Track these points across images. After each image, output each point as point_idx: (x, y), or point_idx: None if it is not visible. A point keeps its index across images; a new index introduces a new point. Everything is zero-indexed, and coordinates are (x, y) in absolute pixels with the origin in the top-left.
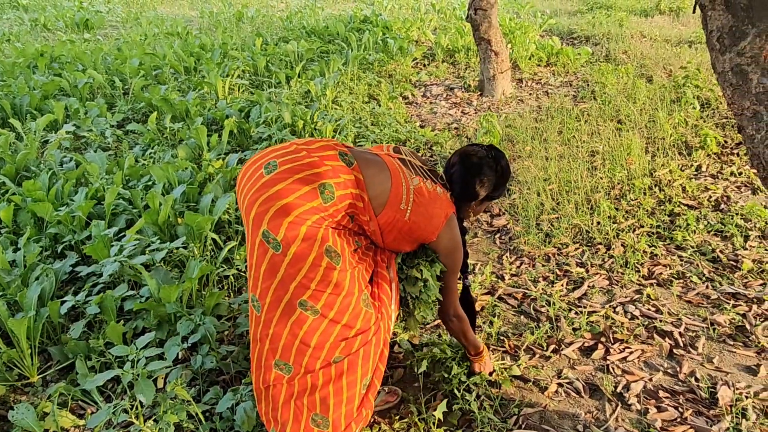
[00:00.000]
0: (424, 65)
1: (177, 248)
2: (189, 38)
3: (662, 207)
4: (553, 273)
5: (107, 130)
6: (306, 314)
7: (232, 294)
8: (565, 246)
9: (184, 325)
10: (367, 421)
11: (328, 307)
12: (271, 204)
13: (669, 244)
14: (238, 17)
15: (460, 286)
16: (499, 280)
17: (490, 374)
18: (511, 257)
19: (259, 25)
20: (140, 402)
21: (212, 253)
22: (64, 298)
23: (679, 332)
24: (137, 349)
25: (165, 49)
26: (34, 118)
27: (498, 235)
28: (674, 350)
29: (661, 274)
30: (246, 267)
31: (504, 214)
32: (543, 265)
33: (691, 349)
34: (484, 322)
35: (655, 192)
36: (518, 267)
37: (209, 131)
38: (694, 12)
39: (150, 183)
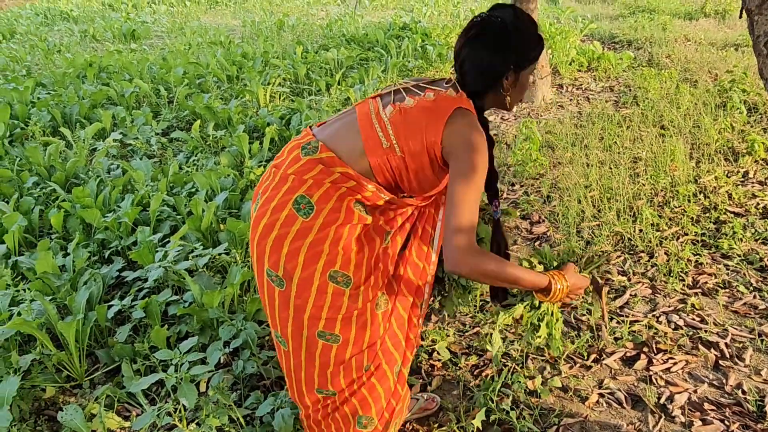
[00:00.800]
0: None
1: (219, 254)
2: (231, 47)
3: (707, 214)
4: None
5: (152, 137)
6: (329, 344)
7: None
8: (606, 254)
9: (225, 330)
10: (402, 413)
11: (346, 330)
12: (263, 243)
13: (714, 253)
14: (279, 26)
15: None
16: None
17: (589, 292)
18: None
19: (300, 34)
20: (183, 405)
21: None
22: (111, 303)
23: (725, 343)
24: (180, 353)
25: (208, 58)
26: (83, 127)
27: (538, 242)
28: (720, 361)
29: (706, 283)
30: None
31: (544, 221)
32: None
33: (738, 361)
34: (523, 331)
35: (699, 199)
36: None
37: (251, 139)
38: (740, 17)
39: (193, 190)
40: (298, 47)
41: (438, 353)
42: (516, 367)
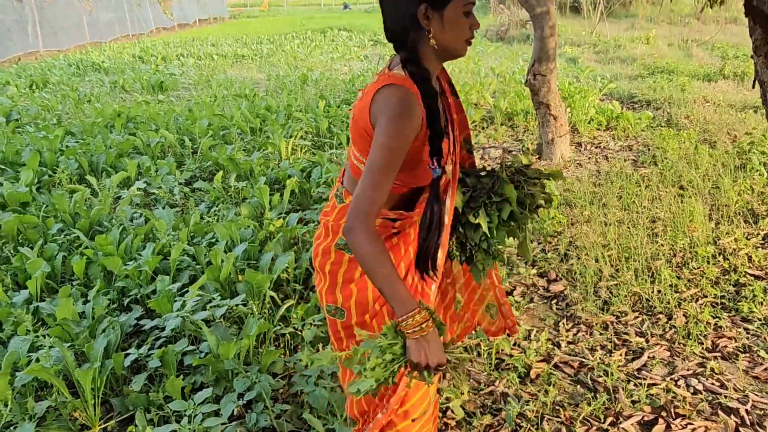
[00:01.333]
0: (483, 128)
1: (236, 305)
2: (256, 100)
3: (727, 277)
4: (611, 342)
5: (175, 187)
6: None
7: (287, 352)
8: (624, 314)
9: (240, 382)
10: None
11: None
12: (321, 284)
13: (734, 316)
14: (302, 80)
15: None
16: (555, 348)
17: (432, 372)
18: (567, 324)
19: (323, 88)
20: None
21: (270, 310)
22: (128, 351)
23: (746, 410)
24: (195, 404)
25: (233, 110)
26: (109, 175)
27: (555, 301)
28: (740, 428)
29: (725, 347)
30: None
31: (561, 279)
32: (601, 334)
33: (759, 429)
34: (539, 391)
35: (719, 261)
36: (575, 335)
37: (271, 190)
38: (753, 87)
39: (213, 240)
40: (320, 101)
41: (452, 411)
42: (531, 428)
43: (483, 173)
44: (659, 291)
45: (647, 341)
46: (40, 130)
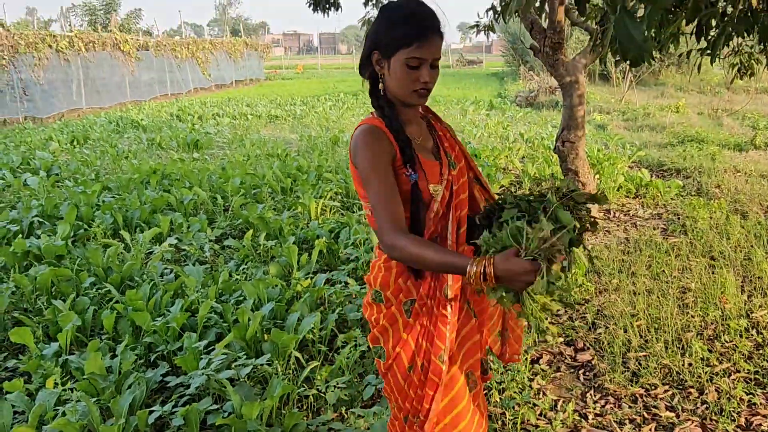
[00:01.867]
0: (510, 192)
1: (261, 365)
2: (287, 160)
3: (761, 351)
4: (640, 416)
5: (206, 244)
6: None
7: (310, 414)
8: (653, 387)
9: None
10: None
11: None
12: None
13: None
14: (333, 141)
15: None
16: (582, 420)
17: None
18: (595, 395)
19: None
20: None
21: (294, 371)
22: (153, 408)
23: None
24: None
25: (265, 170)
26: (143, 230)
27: (582, 371)
28: None
29: (760, 425)
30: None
31: (588, 349)
32: (630, 407)
33: None
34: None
35: (752, 335)
36: (603, 407)
37: (300, 250)
38: None
39: (241, 298)
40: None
41: None
42: None
43: (531, 197)
44: (690, 364)
45: (678, 416)
46: (78, 185)
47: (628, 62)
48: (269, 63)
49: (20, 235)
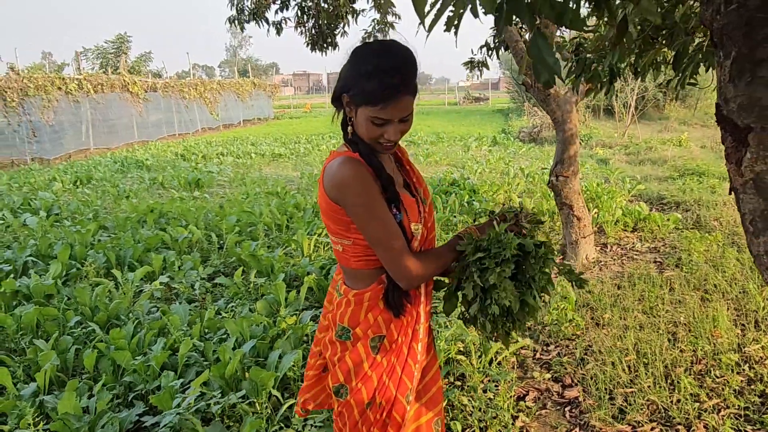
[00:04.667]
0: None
1: (234, 404)
2: (286, 197)
3: (752, 387)
4: None
5: (197, 282)
6: None
7: None
8: (639, 424)
9: None
10: None
11: None
12: None
13: (759, 429)
14: None
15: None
16: None
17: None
18: None
19: None
20: None
21: (272, 410)
22: None
23: None
24: None
25: (262, 207)
26: (135, 269)
27: (568, 407)
28: None
29: None
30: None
31: (576, 385)
32: None
33: None
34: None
35: (743, 370)
36: None
37: (290, 287)
38: (730, 194)
39: (225, 336)
40: None
41: None
42: None
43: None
44: (679, 400)
45: None
46: (75, 225)
47: (541, 83)
48: (278, 102)
49: (12, 275)
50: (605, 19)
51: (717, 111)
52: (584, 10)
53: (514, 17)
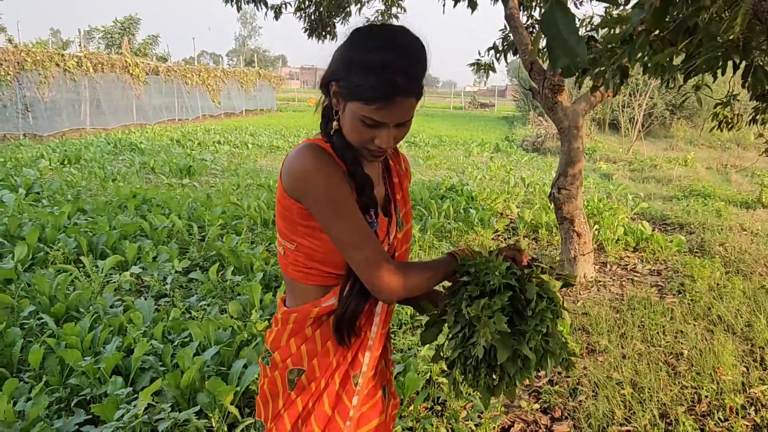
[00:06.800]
0: (505, 238)
1: (185, 420)
2: (276, 191)
3: None
4: None
5: (170, 276)
6: None
7: None
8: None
9: None
10: None
11: None
12: None
13: None
14: None
15: None
16: None
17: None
18: None
19: None
20: None
21: (230, 427)
22: None
23: None
24: None
25: (251, 200)
26: (106, 257)
27: None
28: None
29: None
30: None
31: (567, 418)
32: None
33: None
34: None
35: (749, 413)
36: None
37: (268, 288)
38: None
39: (188, 339)
40: None
41: None
42: None
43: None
44: None
45: None
46: (53, 206)
47: (559, 71)
48: (283, 95)
49: None
50: None
51: None
52: None
53: None
